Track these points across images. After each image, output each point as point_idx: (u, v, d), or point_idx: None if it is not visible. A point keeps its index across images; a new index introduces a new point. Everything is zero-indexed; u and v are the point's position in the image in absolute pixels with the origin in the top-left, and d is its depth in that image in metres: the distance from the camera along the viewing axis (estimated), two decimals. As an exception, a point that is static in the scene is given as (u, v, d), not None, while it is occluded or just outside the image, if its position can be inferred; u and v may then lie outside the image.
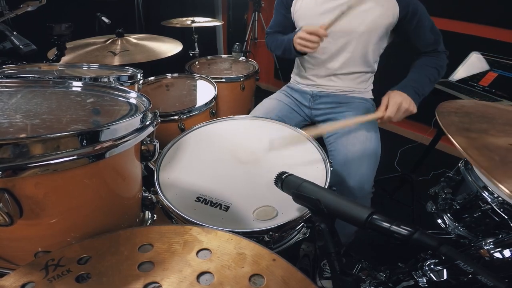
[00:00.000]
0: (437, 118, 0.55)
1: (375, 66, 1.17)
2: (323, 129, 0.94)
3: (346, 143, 1.04)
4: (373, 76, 1.21)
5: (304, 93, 1.24)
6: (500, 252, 0.61)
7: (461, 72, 1.40)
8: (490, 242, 0.63)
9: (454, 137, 0.47)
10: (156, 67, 1.70)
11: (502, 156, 0.43)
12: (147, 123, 0.52)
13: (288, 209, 0.67)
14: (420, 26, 1.00)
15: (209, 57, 1.95)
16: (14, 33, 0.86)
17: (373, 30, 1.02)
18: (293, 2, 1.12)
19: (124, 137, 0.46)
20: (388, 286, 0.61)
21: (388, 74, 1.27)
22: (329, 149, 1.10)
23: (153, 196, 0.67)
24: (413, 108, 0.90)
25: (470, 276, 0.39)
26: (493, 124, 0.57)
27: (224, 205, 0.68)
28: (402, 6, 0.98)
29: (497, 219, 0.78)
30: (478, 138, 0.49)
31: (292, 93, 1.28)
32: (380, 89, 1.31)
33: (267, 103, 1.24)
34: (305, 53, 0.99)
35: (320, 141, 1.12)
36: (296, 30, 1.13)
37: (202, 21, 1.86)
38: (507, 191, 0.37)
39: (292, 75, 1.34)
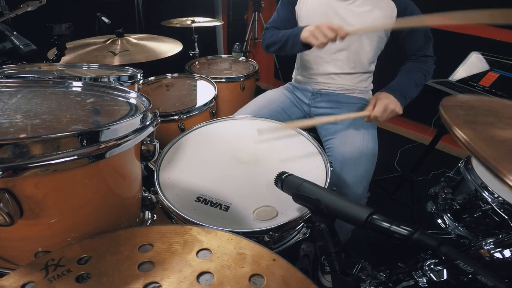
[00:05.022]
0: (442, 112, 0.54)
1: (373, 67, 1.18)
2: (312, 122, 0.93)
3: (342, 143, 1.03)
4: (372, 76, 1.22)
5: (305, 90, 1.24)
6: (500, 252, 0.61)
7: (461, 72, 1.40)
8: (490, 242, 0.63)
9: (460, 129, 0.46)
10: (156, 67, 1.70)
11: (508, 149, 0.43)
12: (147, 123, 0.52)
13: (288, 209, 0.67)
14: (414, 29, 1.01)
15: (209, 57, 1.95)
16: (14, 33, 0.86)
17: (372, 32, 1.03)
18: (298, 0, 1.12)
19: (124, 137, 0.46)
20: (388, 286, 0.61)
21: (388, 74, 1.26)
22: (326, 149, 1.10)
23: (153, 196, 0.67)
24: (399, 110, 0.93)
25: (470, 276, 0.39)
26: (499, 118, 0.55)
27: (224, 205, 0.68)
28: (400, 8, 0.99)
29: (497, 219, 0.78)
30: (484, 130, 0.48)
31: (294, 90, 1.29)
32: (380, 89, 1.31)
33: (271, 94, 1.25)
34: (309, 46, 0.92)
35: (320, 141, 1.12)
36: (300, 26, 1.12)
37: (202, 21, 1.86)
38: None
39: (293, 75, 1.34)
